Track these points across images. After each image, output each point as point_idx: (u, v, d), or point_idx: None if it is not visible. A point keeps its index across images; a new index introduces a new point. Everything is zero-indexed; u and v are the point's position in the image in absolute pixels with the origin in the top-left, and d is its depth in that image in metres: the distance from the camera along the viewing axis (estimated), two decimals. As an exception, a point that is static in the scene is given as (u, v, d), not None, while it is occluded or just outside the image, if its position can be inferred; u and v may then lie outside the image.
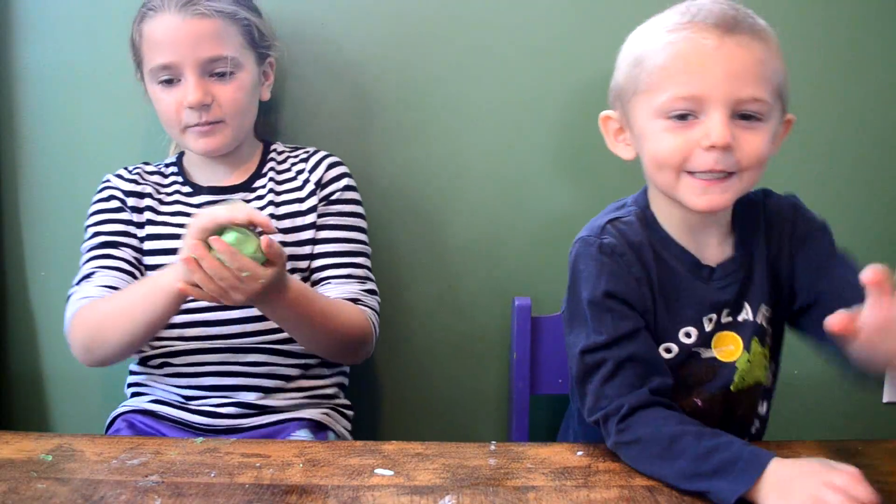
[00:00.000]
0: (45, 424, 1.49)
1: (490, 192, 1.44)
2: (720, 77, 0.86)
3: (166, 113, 1.18)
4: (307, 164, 1.26)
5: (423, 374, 1.49)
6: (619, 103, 0.97)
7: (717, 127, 0.86)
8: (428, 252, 1.46)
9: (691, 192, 0.90)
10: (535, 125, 1.42)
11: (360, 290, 1.21)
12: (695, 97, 0.87)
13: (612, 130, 0.99)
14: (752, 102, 0.87)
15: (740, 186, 0.91)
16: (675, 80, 0.88)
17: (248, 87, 1.20)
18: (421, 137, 1.43)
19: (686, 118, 0.89)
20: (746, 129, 0.88)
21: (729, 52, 0.87)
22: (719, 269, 0.97)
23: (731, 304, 0.97)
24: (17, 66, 1.42)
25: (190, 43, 1.14)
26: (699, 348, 0.97)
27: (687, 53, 0.88)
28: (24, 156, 1.44)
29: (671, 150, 0.90)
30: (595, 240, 0.96)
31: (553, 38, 1.40)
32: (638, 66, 0.92)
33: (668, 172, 0.91)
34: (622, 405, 0.89)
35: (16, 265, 1.46)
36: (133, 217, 1.22)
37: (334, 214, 1.24)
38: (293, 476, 0.87)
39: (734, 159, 0.88)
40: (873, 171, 1.46)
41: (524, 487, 0.84)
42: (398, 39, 1.40)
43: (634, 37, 0.95)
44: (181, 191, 1.25)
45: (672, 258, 0.97)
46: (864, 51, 1.42)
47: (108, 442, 0.96)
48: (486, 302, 1.47)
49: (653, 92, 0.90)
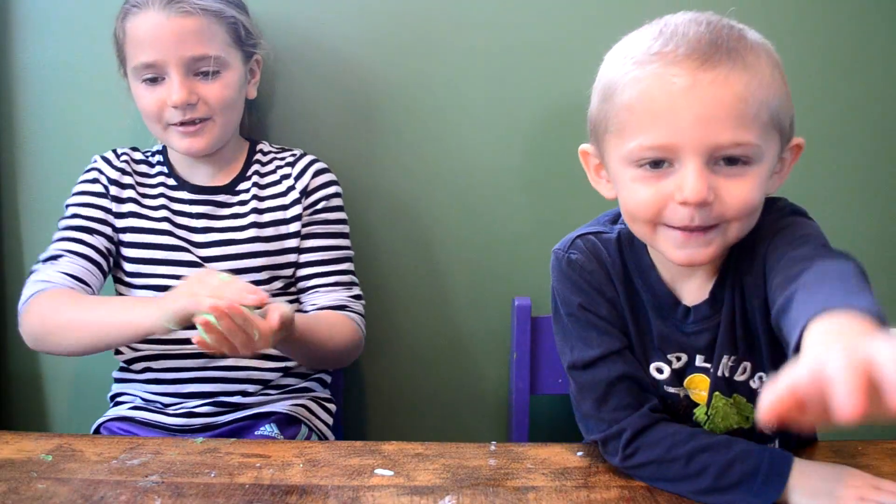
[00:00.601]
0: (44, 424, 1.49)
1: (488, 192, 1.44)
2: (692, 122, 0.74)
3: (149, 111, 1.17)
4: (293, 169, 1.25)
5: (423, 375, 1.49)
6: (594, 138, 0.87)
7: (691, 181, 0.75)
8: (427, 252, 1.46)
9: (670, 244, 0.81)
10: (533, 125, 1.42)
11: (347, 296, 1.23)
12: (665, 146, 0.76)
13: (592, 166, 0.90)
14: (734, 147, 0.76)
15: (726, 239, 0.80)
16: (642, 125, 0.77)
17: (234, 85, 1.19)
18: (420, 138, 1.43)
19: (660, 165, 0.78)
20: (730, 177, 0.77)
21: (702, 92, 0.74)
22: (693, 312, 0.88)
23: (704, 350, 0.89)
24: (17, 66, 1.41)
25: (174, 41, 1.13)
26: (673, 388, 0.91)
27: (654, 95, 0.76)
28: (23, 156, 1.44)
29: (643, 203, 0.79)
30: (563, 254, 0.92)
31: (547, 40, 1.40)
32: (607, 100, 0.81)
33: (643, 225, 0.82)
34: (624, 429, 0.84)
35: (16, 265, 1.46)
36: (113, 206, 1.21)
37: (321, 223, 1.24)
38: (293, 476, 0.87)
39: (716, 212, 0.77)
40: (873, 171, 1.46)
41: (524, 488, 0.84)
42: (391, 39, 1.40)
43: (608, 59, 0.85)
44: (166, 183, 1.24)
45: (646, 289, 0.90)
46: (865, 50, 1.42)
47: (108, 442, 0.96)
48: (485, 302, 1.46)
49: (621, 135, 0.80)
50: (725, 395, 0.90)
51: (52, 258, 1.16)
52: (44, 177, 1.44)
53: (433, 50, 1.40)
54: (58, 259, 1.16)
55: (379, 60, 1.40)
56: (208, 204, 1.23)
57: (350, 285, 1.25)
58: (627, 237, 0.91)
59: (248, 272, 1.20)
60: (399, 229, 1.45)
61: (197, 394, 1.19)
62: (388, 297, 1.46)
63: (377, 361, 1.48)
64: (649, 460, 0.83)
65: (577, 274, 0.90)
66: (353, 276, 1.26)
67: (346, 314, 1.21)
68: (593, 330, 0.89)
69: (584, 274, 0.90)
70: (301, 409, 1.21)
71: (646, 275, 0.90)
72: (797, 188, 1.47)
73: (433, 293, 1.47)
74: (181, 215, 1.22)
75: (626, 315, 0.90)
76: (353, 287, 1.25)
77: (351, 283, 1.25)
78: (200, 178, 1.25)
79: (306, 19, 1.39)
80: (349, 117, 1.42)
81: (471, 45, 1.40)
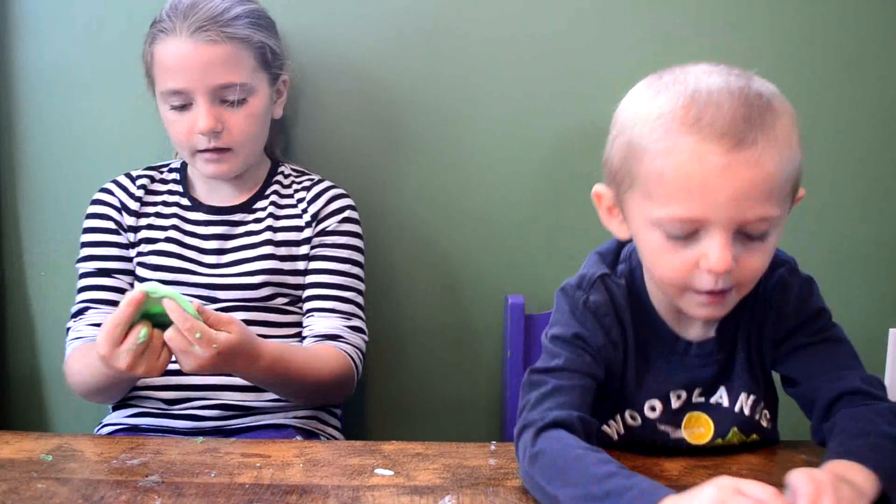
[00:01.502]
0: (44, 424, 1.49)
1: (485, 193, 1.45)
2: (725, 201, 0.77)
3: (177, 137, 1.18)
4: (308, 193, 1.25)
5: (418, 374, 1.50)
6: (613, 186, 0.87)
7: (718, 253, 0.78)
8: (422, 252, 1.47)
9: (694, 304, 0.84)
10: (533, 137, 1.44)
11: (342, 325, 1.19)
12: (695, 220, 0.78)
13: (605, 207, 0.90)
14: (759, 222, 0.79)
15: (737, 297, 0.85)
16: (674, 197, 0.78)
17: (259, 112, 1.19)
18: (423, 143, 1.44)
19: (686, 237, 0.80)
20: (748, 250, 0.80)
21: (736, 172, 0.76)
22: (696, 347, 0.92)
23: (705, 385, 0.92)
24: (17, 66, 1.42)
25: (201, 69, 1.13)
26: (666, 426, 0.92)
27: (689, 171, 0.77)
28: (23, 156, 1.44)
29: (673, 271, 0.82)
30: (582, 294, 0.91)
31: (555, 56, 1.42)
32: (633, 158, 0.82)
33: (671, 288, 0.85)
34: (546, 416, 0.83)
35: (16, 265, 1.46)
36: (129, 236, 1.22)
37: (326, 246, 1.22)
38: (293, 476, 0.87)
39: (732, 279, 0.81)
40: (874, 170, 1.46)
41: (524, 487, 0.84)
42: (404, 53, 1.41)
43: (629, 112, 0.84)
44: (180, 203, 1.24)
45: (649, 329, 0.92)
46: (865, 50, 1.42)
47: (108, 442, 0.96)
48: (479, 300, 1.47)
49: (649, 199, 0.81)
50: (743, 433, 0.93)
51: (79, 313, 1.19)
52: (44, 177, 1.44)
53: (448, 65, 1.42)
54: (84, 313, 1.19)
55: (396, 72, 1.42)
56: (223, 224, 1.22)
57: (350, 315, 1.21)
58: (630, 280, 0.93)
59: (258, 287, 1.19)
60: (394, 229, 1.45)
61: (199, 386, 1.17)
62: (384, 296, 1.47)
63: (375, 361, 1.48)
64: (544, 449, 0.80)
65: (592, 314, 0.90)
66: (356, 308, 1.22)
67: (337, 345, 1.17)
68: (575, 350, 0.89)
69: (598, 316, 0.90)
70: (314, 423, 1.22)
71: (649, 315, 0.92)
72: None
73: (428, 292, 1.48)
74: (192, 236, 1.22)
75: (629, 355, 0.91)
76: (352, 318, 1.21)
77: (351, 314, 1.21)
78: (219, 198, 1.24)
79: (335, 38, 1.41)
80: (361, 125, 1.43)
81: (485, 61, 1.42)
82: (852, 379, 0.87)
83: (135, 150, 1.39)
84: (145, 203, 1.24)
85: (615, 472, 0.75)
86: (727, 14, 1.40)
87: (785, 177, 0.79)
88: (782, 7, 1.40)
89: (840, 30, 1.42)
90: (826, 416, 0.87)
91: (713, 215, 0.77)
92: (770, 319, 0.92)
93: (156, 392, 1.18)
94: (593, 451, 0.79)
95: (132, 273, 1.22)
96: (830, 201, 1.46)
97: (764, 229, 0.80)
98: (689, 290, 0.83)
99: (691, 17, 1.40)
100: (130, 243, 1.22)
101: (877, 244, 1.47)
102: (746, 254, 0.80)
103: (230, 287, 1.19)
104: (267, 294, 1.20)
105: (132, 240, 1.22)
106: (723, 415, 0.92)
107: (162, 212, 1.23)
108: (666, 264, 0.83)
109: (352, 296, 1.22)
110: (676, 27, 1.40)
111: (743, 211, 0.77)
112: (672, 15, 1.40)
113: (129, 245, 1.22)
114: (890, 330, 1.50)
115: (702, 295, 0.82)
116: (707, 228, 0.79)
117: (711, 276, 0.79)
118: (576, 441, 0.81)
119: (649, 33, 1.40)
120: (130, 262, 1.22)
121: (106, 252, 1.21)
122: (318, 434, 1.22)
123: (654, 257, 0.84)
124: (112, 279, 1.20)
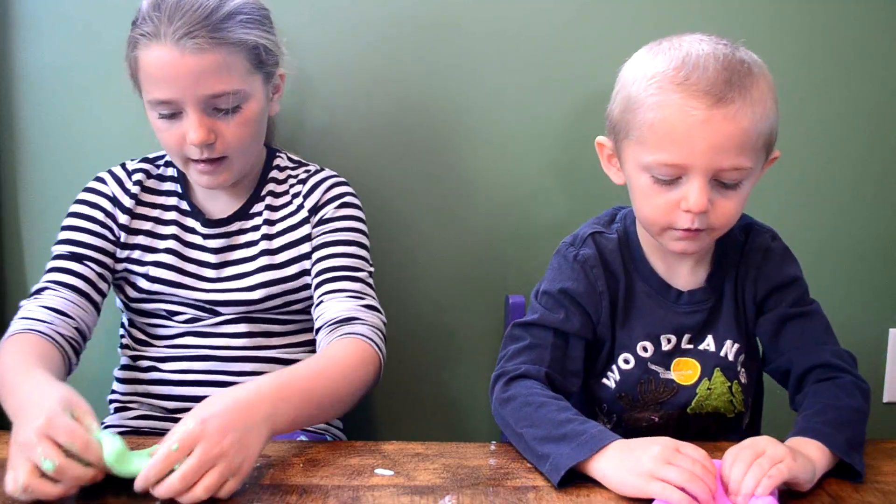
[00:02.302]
0: (44, 424, 1.49)
1: (485, 193, 1.46)
2: (703, 149, 0.89)
3: (168, 146, 1.10)
4: (305, 185, 1.19)
5: (418, 374, 1.50)
6: (612, 135, 1.00)
7: (696, 194, 0.90)
8: (423, 252, 1.47)
9: (672, 240, 0.97)
10: (537, 135, 1.44)
11: (357, 306, 1.10)
12: (678, 165, 0.91)
13: (606, 155, 1.03)
14: (733, 171, 0.91)
15: (711, 238, 0.98)
16: (661, 145, 0.91)
17: (254, 116, 1.11)
18: (424, 143, 1.44)
19: (670, 178, 0.92)
20: (722, 196, 0.92)
21: (715, 125, 0.88)
22: (687, 295, 1.04)
23: (694, 331, 1.04)
24: (17, 66, 1.42)
25: (191, 80, 1.03)
26: (657, 367, 1.04)
27: (674, 122, 0.89)
28: (23, 156, 1.44)
29: (655, 211, 0.95)
30: (573, 250, 1.05)
31: (556, 54, 1.42)
32: (629, 111, 0.94)
33: (654, 226, 0.97)
34: (518, 368, 0.98)
35: (16, 265, 1.46)
36: (120, 235, 1.16)
37: (327, 233, 1.17)
38: (293, 476, 0.87)
39: (708, 220, 0.93)
40: (874, 170, 1.46)
41: (524, 487, 0.84)
42: (407, 52, 1.42)
43: (630, 71, 0.96)
44: (179, 207, 1.19)
45: (641, 278, 1.04)
46: (866, 49, 1.42)
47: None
48: (479, 300, 1.47)
49: (641, 146, 0.93)
50: (727, 378, 1.05)
51: (38, 291, 1.11)
52: (44, 177, 1.44)
53: (450, 63, 1.43)
54: (42, 292, 1.10)
55: (398, 69, 1.42)
56: (222, 237, 1.18)
57: (361, 295, 1.12)
58: (624, 236, 1.06)
59: (259, 302, 1.16)
60: (394, 229, 1.45)
61: (203, 398, 1.15)
62: (384, 296, 1.46)
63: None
64: (514, 395, 0.95)
65: (581, 267, 1.03)
66: (366, 287, 1.14)
67: (353, 329, 1.06)
68: (563, 310, 1.02)
69: (586, 268, 1.03)
70: (320, 425, 1.21)
71: (642, 266, 1.05)
72: (797, 188, 1.48)
73: (428, 292, 1.48)
74: (192, 248, 1.18)
75: (619, 304, 1.03)
76: (364, 297, 1.12)
77: (362, 293, 1.13)
78: (217, 205, 1.19)
79: (338, 33, 1.41)
80: (365, 120, 1.43)
81: (487, 61, 1.43)
82: (823, 353, 0.99)
83: (135, 150, 1.38)
84: (141, 202, 1.18)
85: (572, 419, 0.89)
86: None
87: (758, 132, 0.91)
88: (783, 6, 1.41)
89: (840, 30, 1.42)
90: (799, 387, 1.01)
91: (693, 162, 0.90)
92: (751, 277, 1.04)
93: (157, 401, 1.18)
94: (556, 399, 0.94)
95: (107, 267, 1.14)
96: (831, 201, 1.46)
97: (737, 178, 0.92)
98: (669, 228, 0.95)
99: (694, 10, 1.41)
100: (117, 240, 1.16)
101: (876, 244, 1.47)
102: (721, 199, 0.93)
103: (229, 303, 1.16)
104: (269, 305, 1.17)
105: (123, 239, 1.16)
106: (708, 358, 1.04)
107: (162, 217, 1.18)
108: (652, 204, 0.95)
109: (362, 276, 1.15)
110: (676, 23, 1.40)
111: (719, 160, 0.89)
112: (672, 14, 1.40)
113: (116, 241, 1.16)
114: (890, 330, 1.50)
115: (679, 232, 0.94)
116: (688, 174, 0.91)
117: (689, 215, 0.92)
118: (542, 390, 0.95)
119: (649, 37, 1.40)
120: (108, 256, 1.15)
121: (85, 239, 1.14)
122: (324, 435, 1.22)
123: (642, 198, 0.96)
124: (82, 266, 1.12)
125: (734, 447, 0.84)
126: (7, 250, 1.46)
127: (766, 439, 0.84)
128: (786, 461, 0.80)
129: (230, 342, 1.17)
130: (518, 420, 0.92)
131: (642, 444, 0.83)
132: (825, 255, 1.47)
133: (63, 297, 1.10)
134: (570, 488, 0.84)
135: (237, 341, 1.17)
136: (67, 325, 1.08)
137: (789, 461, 0.80)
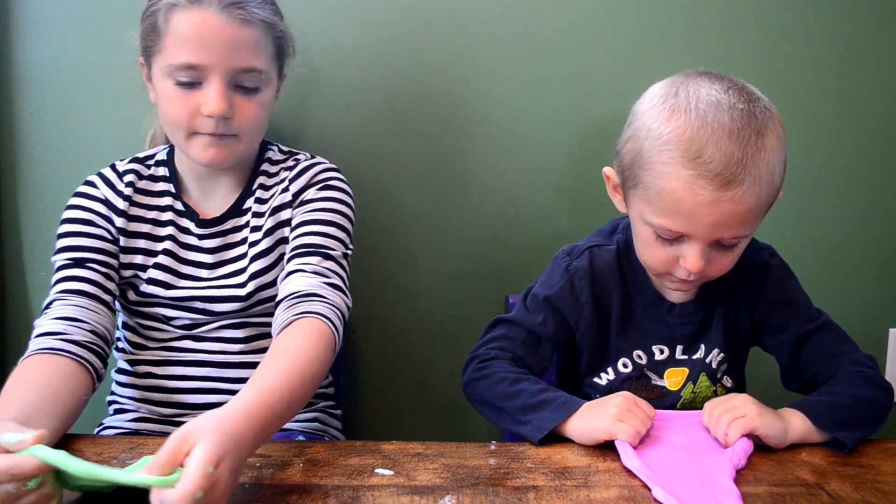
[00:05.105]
0: (44, 424, 1.49)
1: (486, 193, 1.46)
2: (706, 224, 0.93)
3: (177, 115, 1.07)
4: (292, 172, 1.18)
5: (418, 374, 1.50)
6: (620, 173, 1.02)
7: (693, 258, 0.96)
8: (423, 252, 1.47)
9: (667, 282, 1.04)
10: (539, 137, 1.44)
11: (321, 283, 1.07)
12: (680, 234, 0.96)
13: (612, 185, 1.06)
14: (732, 239, 0.96)
15: (701, 282, 1.04)
16: (666, 213, 0.95)
17: (268, 104, 1.13)
18: (425, 143, 1.44)
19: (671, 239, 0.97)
20: (720, 253, 0.98)
21: (721, 207, 0.91)
22: (679, 307, 1.09)
23: (685, 341, 1.09)
24: (17, 66, 1.42)
25: (225, 48, 1.04)
26: (651, 374, 1.10)
27: (681, 197, 0.92)
28: (23, 156, 1.44)
29: (654, 261, 1.01)
30: (567, 260, 1.10)
31: (561, 54, 1.43)
32: (639, 166, 0.96)
33: (652, 271, 1.04)
34: (489, 353, 1.07)
35: (16, 265, 1.46)
36: (118, 237, 1.14)
37: (306, 212, 1.14)
38: (293, 476, 0.87)
39: (705, 272, 0.98)
40: (874, 170, 1.46)
41: (524, 487, 0.84)
42: (409, 51, 1.42)
43: (643, 120, 0.96)
44: (174, 207, 1.17)
45: (636, 290, 1.09)
46: (866, 49, 1.42)
47: (108, 442, 0.96)
48: (479, 300, 1.47)
49: (646, 204, 0.97)
50: (711, 382, 1.10)
51: (48, 305, 1.09)
52: (44, 177, 1.44)
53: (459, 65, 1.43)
54: (52, 305, 1.08)
55: (404, 69, 1.43)
56: (216, 236, 1.17)
57: (329, 273, 1.09)
58: (624, 247, 1.10)
59: (248, 298, 1.15)
60: (394, 228, 1.45)
61: (199, 405, 1.15)
62: (384, 295, 1.47)
63: (375, 361, 1.48)
64: (489, 374, 1.04)
65: (569, 277, 1.09)
66: (337, 266, 1.10)
67: (311, 307, 1.03)
68: (547, 315, 1.09)
69: (574, 279, 1.09)
70: (316, 425, 1.21)
71: (639, 279, 1.09)
72: (796, 187, 1.48)
73: (428, 292, 1.48)
74: (188, 249, 1.17)
75: (612, 315, 1.09)
76: (333, 276, 1.08)
77: (333, 272, 1.09)
78: (212, 204, 1.18)
79: (344, 32, 1.41)
80: (370, 120, 1.44)
81: (497, 65, 1.43)
82: (843, 363, 1.03)
83: (135, 151, 1.39)
84: (135, 203, 1.16)
85: (545, 389, 1.00)
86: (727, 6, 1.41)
87: (761, 206, 0.95)
88: (783, 6, 1.41)
89: (841, 29, 1.42)
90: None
91: (695, 232, 0.94)
92: (749, 294, 1.08)
93: (156, 407, 1.17)
94: (525, 374, 1.04)
95: (111, 267, 1.13)
96: (830, 202, 1.46)
97: (737, 242, 0.97)
98: (667, 274, 1.01)
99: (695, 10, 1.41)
100: (116, 241, 1.14)
101: (877, 245, 1.47)
102: (718, 256, 0.98)
103: (222, 299, 1.15)
104: (260, 298, 1.15)
105: (123, 243, 1.14)
106: (696, 364, 1.09)
107: (159, 219, 1.17)
108: (652, 255, 1.01)
109: (335, 255, 1.11)
110: (678, 26, 1.40)
111: (720, 232, 0.94)
112: (672, 14, 1.40)
113: (115, 242, 1.14)
114: (890, 330, 1.50)
115: (676, 282, 1.01)
116: (688, 238, 0.96)
117: (687, 270, 0.97)
118: (512, 366, 1.05)
119: (658, 45, 1.40)
120: (110, 257, 1.13)
121: (84, 242, 1.12)
122: (322, 436, 1.22)
123: (643, 246, 1.02)
124: (85, 270, 1.10)
125: (712, 400, 0.97)
126: (7, 250, 1.46)
127: (741, 397, 0.95)
128: (749, 414, 0.92)
129: (226, 346, 1.17)
130: (496, 396, 1.01)
131: (607, 398, 0.97)
132: (825, 256, 1.47)
133: (73, 304, 1.08)
134: (570, 490, 0.84)
135: (233, 346, 1.17)
136: (82, 330, 1.05)
137: (753, 414, 0.92)
